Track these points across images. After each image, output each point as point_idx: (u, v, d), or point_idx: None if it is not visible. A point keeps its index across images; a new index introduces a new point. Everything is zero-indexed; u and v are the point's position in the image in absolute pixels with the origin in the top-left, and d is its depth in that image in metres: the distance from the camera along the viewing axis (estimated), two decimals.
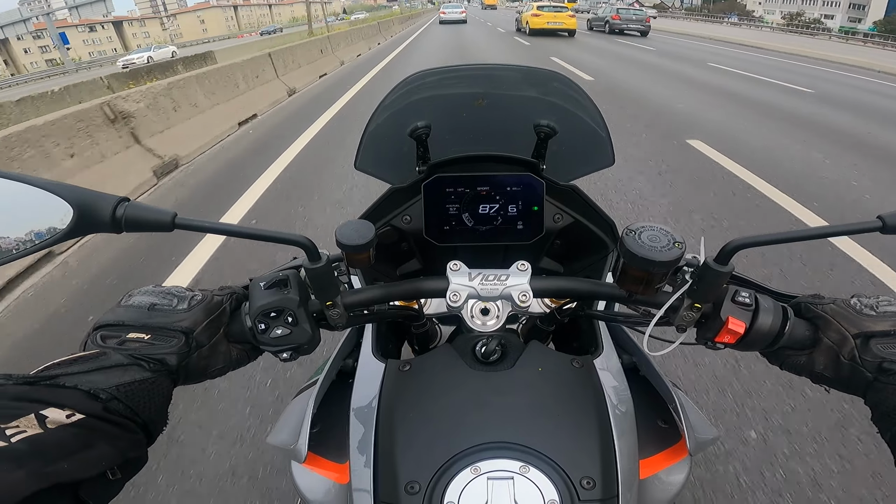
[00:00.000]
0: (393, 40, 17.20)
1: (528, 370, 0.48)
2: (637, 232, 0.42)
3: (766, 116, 5.58)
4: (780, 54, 14.24)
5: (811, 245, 2.49)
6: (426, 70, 0.68)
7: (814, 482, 1.34)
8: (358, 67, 10.00)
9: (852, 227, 0.38)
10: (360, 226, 0.45)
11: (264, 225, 2.92)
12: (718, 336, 0.44)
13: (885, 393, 0.38)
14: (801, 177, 3.58)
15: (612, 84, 7.43)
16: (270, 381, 1.66)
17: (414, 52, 12.95)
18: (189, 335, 0.41)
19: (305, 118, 5.57)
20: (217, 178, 3.80)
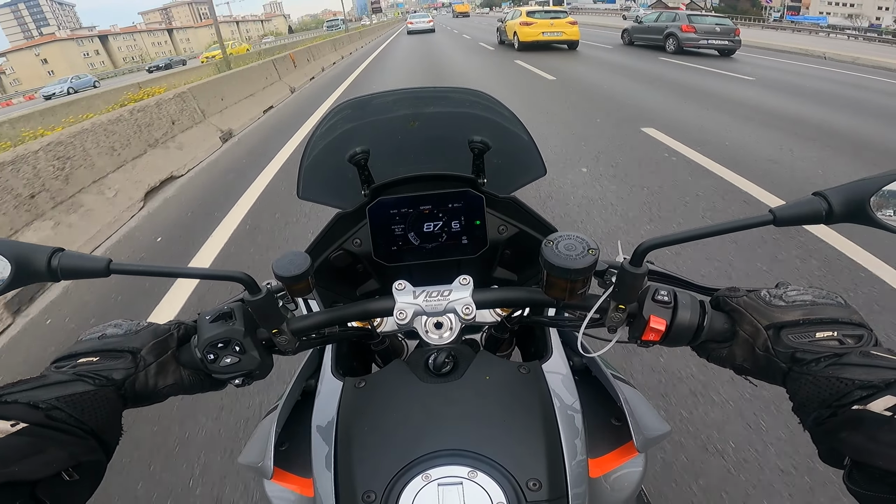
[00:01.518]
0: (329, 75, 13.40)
1: (476, 379, 0.54)
2: (554, 242, 0.48)
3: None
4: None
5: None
6: (355, 98, 0.75)
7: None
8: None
9: (747, 222, 0.43)
10: (296, 257, 0.51)
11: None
12: (644, 334, 0.49)
13: (800, 383, 0.40)
14: None
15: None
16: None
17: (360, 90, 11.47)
18: (136, 354, 0.47)
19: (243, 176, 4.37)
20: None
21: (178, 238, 3.36)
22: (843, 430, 0.37)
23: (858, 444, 0.36)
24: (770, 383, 0.45)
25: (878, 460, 0.34)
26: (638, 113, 6.22)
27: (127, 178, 3.99)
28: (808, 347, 0.41)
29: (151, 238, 3.41)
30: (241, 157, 5.21)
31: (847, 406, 0.37)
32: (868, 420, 0.35)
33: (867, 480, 0.36)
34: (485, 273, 0.81)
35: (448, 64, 13.15)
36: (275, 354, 0.56)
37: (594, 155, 4.57)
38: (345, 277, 0.80)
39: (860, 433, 0.36)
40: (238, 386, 0.52)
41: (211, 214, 3.65)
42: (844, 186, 0.43)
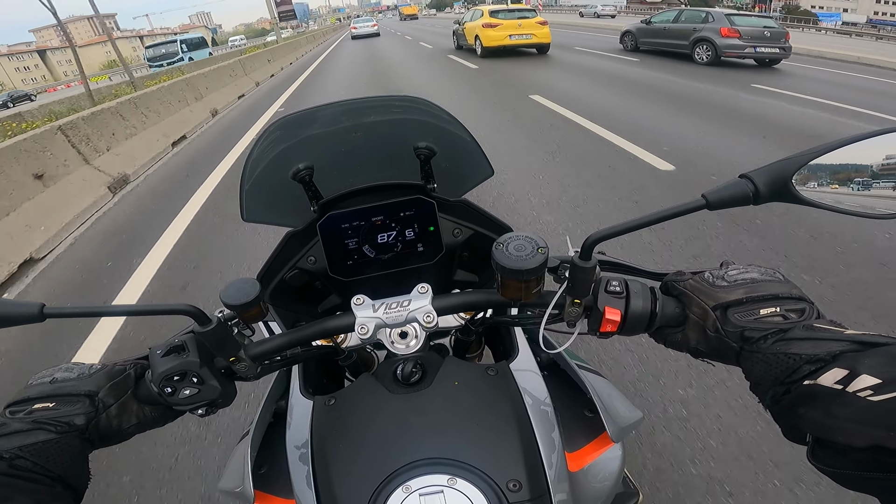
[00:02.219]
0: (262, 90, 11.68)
1: (445, 386, 0.55)
2: (504, 244, 0.49)
3: None
4: None
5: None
6: (290, 115, 0.75)
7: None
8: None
9: (684, 207, 0.45)
10: (244, 284, 0.52)
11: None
12: (602, 326, 0.51)
13: (752, 361, 0.42)
14: None
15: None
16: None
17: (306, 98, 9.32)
18: (93, 397, 0.47)
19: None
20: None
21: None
22: (800, 407, 0.37)
23: (816, 420, 0.36)
24: (726, 364, 0.47)
25: (836, 435, 0.34)
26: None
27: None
28: (754, 325, 0.42)
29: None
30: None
31: (798, 381, 0.37)
32: (820, 394, 0.36)
33: (830, 456, 0.36)
34: (445, 277, 0.83)
35: (400, 72, 11.18)
36: (238, 381, 0.56)
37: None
38: (304, 296, 0.80)
39: (816, 408, 0.36)
40: (202, 416, 0.53)
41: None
42: (768, 167, 0.44)
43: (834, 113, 6.22)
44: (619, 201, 3.55)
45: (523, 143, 5.12)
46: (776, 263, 2.60)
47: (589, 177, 4.04)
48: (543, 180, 4.01)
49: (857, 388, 0.33)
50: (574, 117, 5.96)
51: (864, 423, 0.32)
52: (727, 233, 2.98)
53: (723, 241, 2.88)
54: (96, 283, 3.03)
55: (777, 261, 2.67)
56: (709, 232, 2.98)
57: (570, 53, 13.15)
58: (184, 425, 1.82)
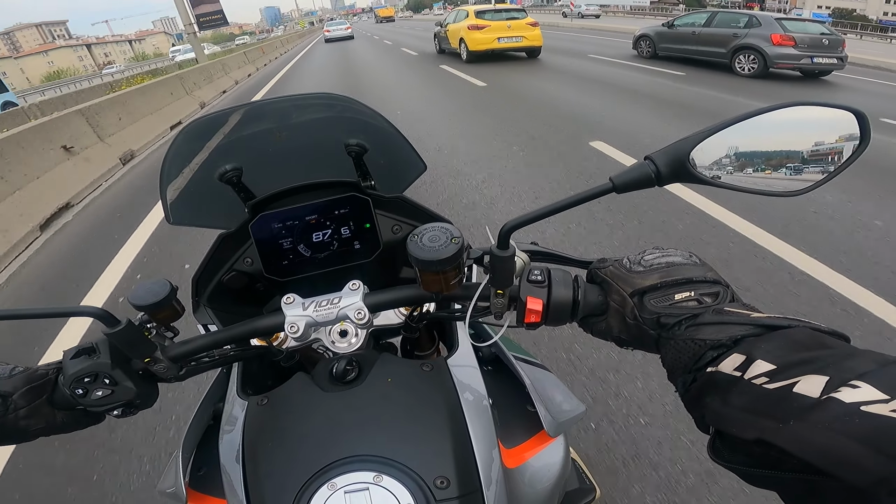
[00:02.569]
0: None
1: (378, 383, 0.55)
2: (419, 236, 0.49)
3: None
4: None
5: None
6: (208, 115, 0.74)
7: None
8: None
9: (593, 191, 0.45)
10: (154, 285, 0.52)
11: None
12: (525, 317, 0.50)
13: (668, 348, 0.40)
14: None
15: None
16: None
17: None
18: (6, 398, 0.49)
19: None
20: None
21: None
22: (705, 396, 0.36)
23: (715, 410, 0.34)
24: (648, 352, 0.45)
25: (730, 426, 0.32)
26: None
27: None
28: (669, 311, 0.42)
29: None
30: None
31: (703, 368, 0.36)
32: (721, 382, 0.34)
33: (727, 449, 0.33)
34: (388, 275, 0.82)
35: (382, 82, 9.72)
36: (161, 382, 0.56)
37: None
38: (247, 298, 0.80)
39: (716, 397, 0.34)
40: (118, 417, 0.53)
41: None
42: (667, 148, 0.44)
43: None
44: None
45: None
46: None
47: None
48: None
49: (752, 374, 0.32)
50: (697, 202, 3.42)
51: (756, 413, 0.30)
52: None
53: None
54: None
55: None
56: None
57: (588, 62, 11.25)
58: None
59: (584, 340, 2.07)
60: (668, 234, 3.05)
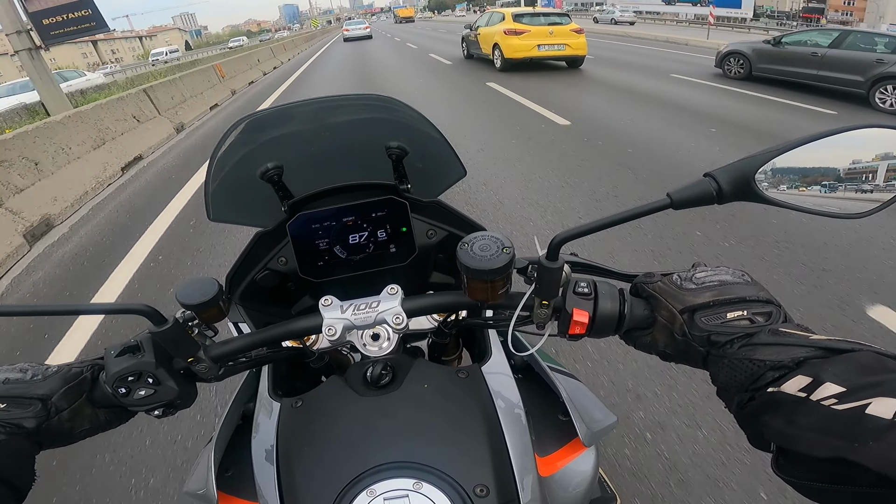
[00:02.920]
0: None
1: (414, 388, 0.56)
2: (469, 244, 0.50)
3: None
4: None
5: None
6: (256, 113, 0.75)
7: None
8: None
9: (648, 207, 0.46)
10: (201, 283, 0.52)
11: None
12: (570, 328, 0.51)
13: (719, 366, 0.42)
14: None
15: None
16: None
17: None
18: (46, 401, 0.48)
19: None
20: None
21: None
22: (764, 414, 0.37)
23: (778, 429, 0.36)
24: (694, 367, 0.47)
25: (798, 445, 0.34)
26: None
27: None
28: (721, 329, 0.43)
29: None
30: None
31: (762, 388, 0.38)
32: (784, 402, 0.35)
33: (793, 466, 0.35)
34: (420, 279, 0.84)
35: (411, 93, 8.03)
36: (199, 382, 0.57)
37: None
38: (277, 297, 0.81)
39: (779, 416, 0.36)
40: (158, 417, 0.54)
41: None
42: (730, 166, 0.45)
43: None
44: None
45: None
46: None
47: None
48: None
49: (820, 396, 0.33)
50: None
51: (827, 433, 0.32)
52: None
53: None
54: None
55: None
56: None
57: (679, 87, 8.80)
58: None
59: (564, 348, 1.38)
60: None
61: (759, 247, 3.02)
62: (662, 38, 19.41)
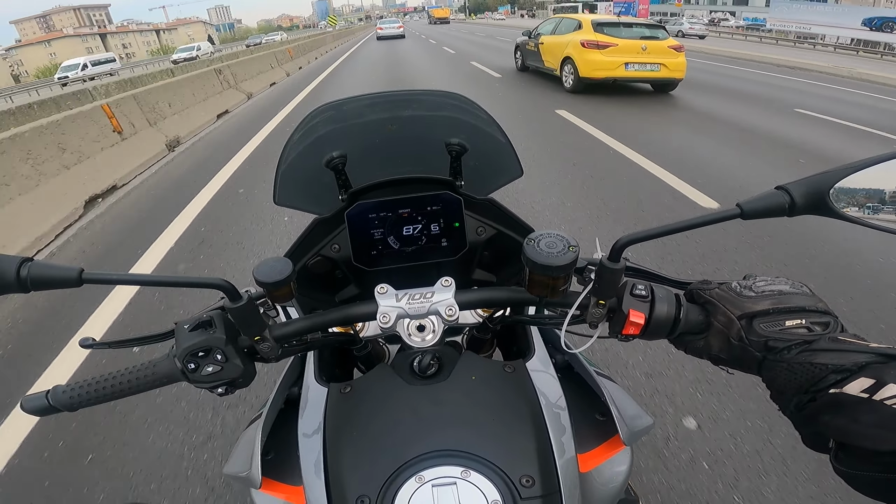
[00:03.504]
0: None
1: (462, 380, 0.59)
2: (536, 240, 0.52)
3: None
4: None
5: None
6: (332, 102, 0.81)
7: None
8: None
9: (717, 215, 0.48)
10: (277, 263, 0.55)
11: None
12: (625, 328, 0.53)
13: (775, 370, 0.44)
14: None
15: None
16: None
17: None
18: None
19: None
20: None
21: None
22: (825, 414, 0.40)
23: (841, 426, 0.39)
24: (745, 372, 0.49)
25: (862, 440, 0.37)
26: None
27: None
28: (779, 336, 0.45)
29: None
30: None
31: (824, 390, 0.40)
32: (847, 402, 0.38)
33: (854, 461, 0.39)
34: (464, 275, 0.87)
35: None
36: (257, 362, 0.59)
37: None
38: (324, 284, 0.85)
39: (842, 416, 0.39)
40: (221, 395, 0.55)
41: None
42: (805, 180, 0.47)
43: None
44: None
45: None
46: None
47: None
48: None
49: (883, 396, 0.37)
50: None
51: (890, 429, 0.36)
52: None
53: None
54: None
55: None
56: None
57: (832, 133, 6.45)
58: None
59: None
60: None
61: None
62: (747, 58, 16.86)
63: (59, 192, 4.20)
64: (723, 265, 3.00)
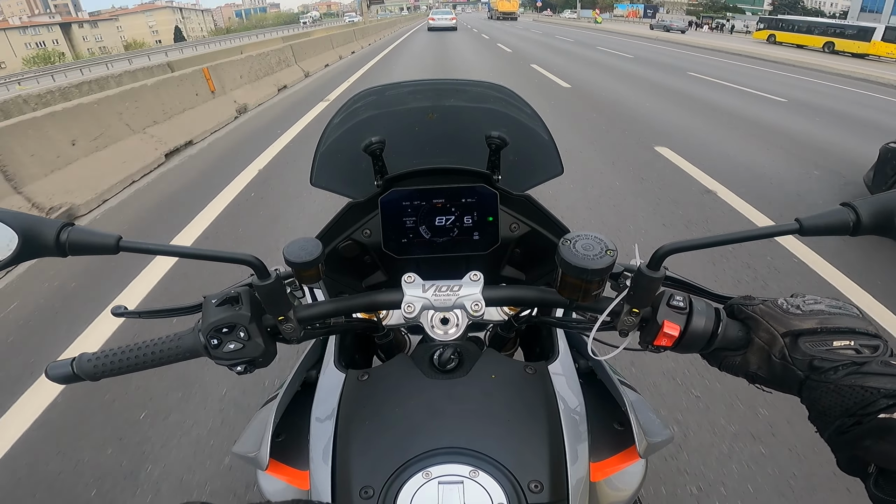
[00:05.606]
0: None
1: (481, 377, 0.63)
2: (572, 241, 0.54)
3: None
4: None
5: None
6: (373, 87, 0.88)
7: None
8: None
9: (773, 229, 0.52)
10: (307, 243, 0.59)
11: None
12: (657, 339, 0.57)
13: (819, 391, 0.47)
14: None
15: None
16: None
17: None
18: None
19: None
20: None
21: None
22: (869, 439, 0.43)
23: (887, 452, 0.41)
24: (783, 392, 0.52)
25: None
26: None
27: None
28: (825, 356, 0.48)
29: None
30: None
31: (873, 414, 0.42)
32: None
33: (893, 486, 0.41)
34: (492, 271, 0.94)
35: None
36: (279, 343, 0.65)
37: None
38: (351, 268, 0.92)
39: (889, 441, 0.41)
40: (240, 373, 0.61)
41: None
42: (875, 198, 0.50)
43: None
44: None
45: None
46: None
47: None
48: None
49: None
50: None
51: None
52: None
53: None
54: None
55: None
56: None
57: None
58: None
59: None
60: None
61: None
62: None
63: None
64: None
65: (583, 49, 20.39)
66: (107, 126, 5.21)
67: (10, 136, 4.07)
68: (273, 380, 2.21)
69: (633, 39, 28.34)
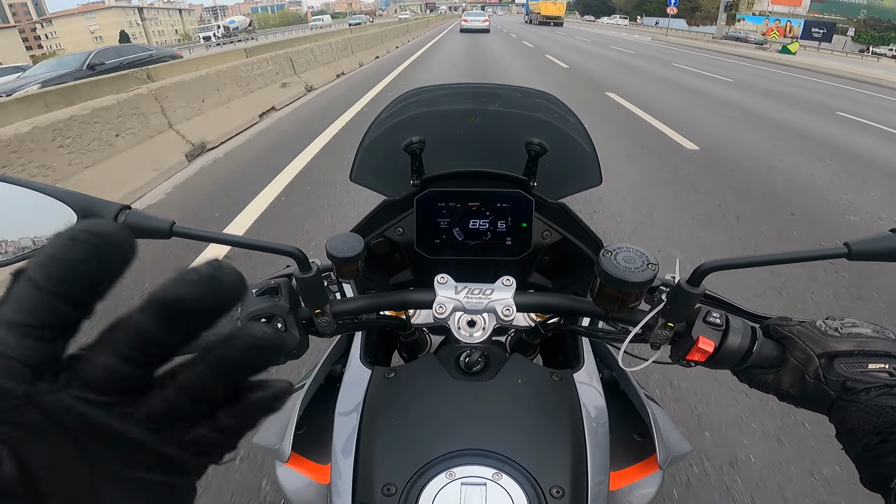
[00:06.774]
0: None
1: (508, 381, 0.66)
2: (613, 253, 0.57)
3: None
4: None
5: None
6: (421, 87, 0.93)
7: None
8: None
9: (820, 252, 0.54)
10: (350, 238, 0.63)
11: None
12: (689, 354, 0.61)
13: (849, 411, 0.52)
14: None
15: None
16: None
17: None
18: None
19: None
20: None
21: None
22: (893, 456, 0.48)
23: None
24: (813, 410, 0.56)
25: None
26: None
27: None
28: (860, 377, 0.52)
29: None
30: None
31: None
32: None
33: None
34: (521, 276, 0.97)
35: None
36: (311, 335, 0.68)
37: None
38: (379, 265, 0.96)
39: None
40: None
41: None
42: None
43: None
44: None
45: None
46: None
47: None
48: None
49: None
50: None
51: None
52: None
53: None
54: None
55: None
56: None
57: None
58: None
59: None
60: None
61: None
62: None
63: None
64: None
65: (659, 67, 15.78)
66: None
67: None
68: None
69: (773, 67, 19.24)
